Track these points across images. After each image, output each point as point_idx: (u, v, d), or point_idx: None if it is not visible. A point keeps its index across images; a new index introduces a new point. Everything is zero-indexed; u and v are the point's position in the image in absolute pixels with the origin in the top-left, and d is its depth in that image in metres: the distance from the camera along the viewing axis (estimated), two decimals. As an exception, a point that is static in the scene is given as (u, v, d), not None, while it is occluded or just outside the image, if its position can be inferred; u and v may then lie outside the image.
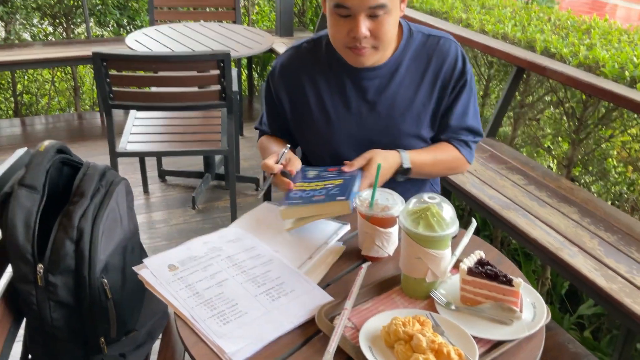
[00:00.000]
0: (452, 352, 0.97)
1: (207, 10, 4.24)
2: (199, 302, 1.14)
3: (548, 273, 2.76)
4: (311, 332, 1.09)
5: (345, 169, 1.42)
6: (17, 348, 1.42)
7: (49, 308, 1.28)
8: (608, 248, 2.03)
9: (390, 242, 1.27)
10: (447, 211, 1.13)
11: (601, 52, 2.60)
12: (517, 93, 3.12)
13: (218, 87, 2.57)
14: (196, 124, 2.99)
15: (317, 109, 1.57)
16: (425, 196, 1.15)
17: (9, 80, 4.68)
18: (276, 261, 1.26)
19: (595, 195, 2.86)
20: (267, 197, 1.89)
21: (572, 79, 2.45)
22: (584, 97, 2.76)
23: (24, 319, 1.35)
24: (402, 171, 1.50)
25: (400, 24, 1.53)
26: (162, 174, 3.49)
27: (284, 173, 1.40)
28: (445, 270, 1.16)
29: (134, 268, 1.22)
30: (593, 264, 1.94)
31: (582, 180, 3.01)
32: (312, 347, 1.05)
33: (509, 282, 1.09)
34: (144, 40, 3.07)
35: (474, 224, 1.41)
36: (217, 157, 3.43)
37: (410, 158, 1.50)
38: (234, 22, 3.89)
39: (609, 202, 2.89)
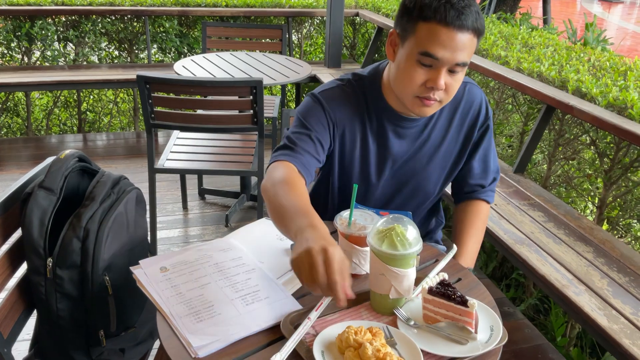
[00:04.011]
0: (394, 362, 1.03)
1: (257, 40, 4.45)
2: (179, 301, 1.25)
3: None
4: (276, 336, 1.17)
5: None
6: (25, 346, 1.58)
7: (56, 299, 1.42)
8: (617, 289, 2.01)
9: (366, 260, 1.35)
10: (411, 232, 1.20)
11: (632, 93, 2.59)
12: (553, 132, 3.12)
13: (251, 111, 2.72)
14: (234, 146, 3.15)
15: (360, 147, 1.56)
16: (393, 217, 1.23)
17: (75, 98, 5.03)
18: (258, 271, 1.36)
19: (630, 239, 2.81)
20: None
21: (597, 119, 2.46)
22: (616, 138, 2.74)
23: (35, 310, 1.50)
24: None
25: None
26: (202, 192, 3.67)
27: None
28: (408, 289, 1.23)
29: (131, 268, 1.35)
30: (598, 304, 1.93)
31: (622, 223, 2.96)
32: (273, 349, 1.13)
33: (464, 303, 1.14)
34: (191, 67, 3.28)
35: (454, 249, 1.47)
36: (254, 179, 3.58)
37: (469, 263, 1.60)
38: (280, 53, 4.08)
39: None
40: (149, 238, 1.96)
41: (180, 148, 3.07)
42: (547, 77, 3.01)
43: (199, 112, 3.01)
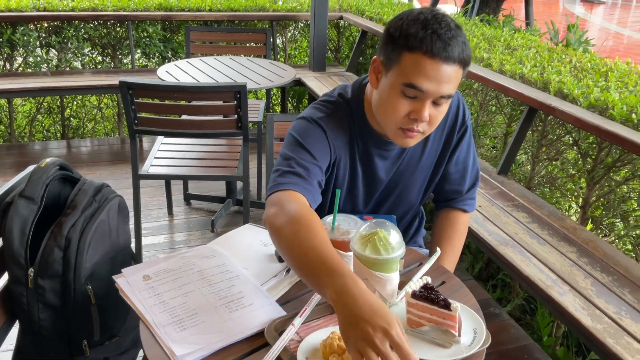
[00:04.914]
0: (379, 367, 1.03)
1: (241, 45, 4.44)
2: (162, 309, 1.24)
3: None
4: (260, 343, 1.17)
5: None
6: (7, 357, 1.56)
7: (38, 309, 1.40)
8: (600, 288, 2.03)
9: (350, 265, 1.34)
10: (394, 236, 1.21)
11: (613, 94, 2.61)
12: (536, 133, 3.15)
13: (235, 116, 2.71)
14: (219, 150, 3.15)
15: (349, 173, 1.54)
16: (376, 221, 1.23)
17: (59, 104, 4.99)
18: (242, 277, 1.36)
19: (613, 238, 2.84)
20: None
21: (579, 120, 2.48)
22: (598, 138, 2.76)
23: (17, 321, 1.48)
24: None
25: None
26: (188, 198, 3.66)
27: None
28: (392, 293, 1.23)
29: (113, 277, 1.34)
30: (582, 303, 1.95)
31: (606, 222, 2.99)
32: (257, 357, 1.13)
33: (447, 307, 1.15)
34: (174, 72, 3.27)
35: (437, 252, 1.47)
36: (240, 184, 3.57)
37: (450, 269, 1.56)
38: (265, 57, 4.08)
39: (629, 245, 2.86)
40: (133, 245, 1.95)
41: (165, 154, 3.05)
42: (529, 78, 3.04)
43: (184, 117, 2.99)
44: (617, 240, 2.89)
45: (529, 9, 7.40)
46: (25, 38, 4.60)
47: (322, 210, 1.63)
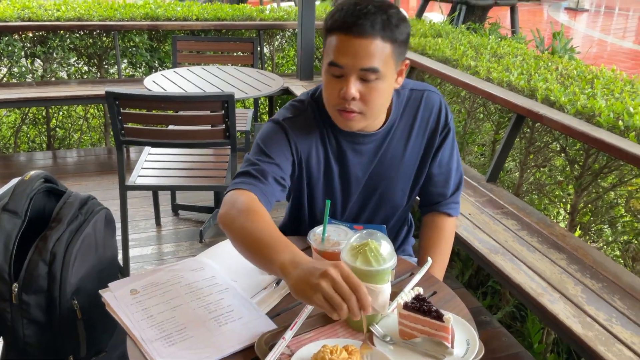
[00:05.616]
0: (371, 381, 1.01)
1: (229, 54, 4.43)
2: (150, 324, 1.22)
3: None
4: (250, 357, 1.15)
5: None
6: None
7: (22, 325, 1.38)
8: (591, 295, 2.03)
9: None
10: (385, 247, 1.19)
11: (600, 101, 2.63)
12: (524, 140, 3.16)
13: (223, 126, 2.69)
14: (206, 160, 3.13)
15: (324, 169, 1.56)
16: (367, 232, 1.22)
17: (44, 115, 4.94)
18: (231, 290, 1.34)
19: (602, 245, 2.85)
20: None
21: (566, 127, 2.49)
22: (585, 145, 2.78)
23: (1, 337, 1.45)
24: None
25: None
26: (176, 208, 3.63)
27: None
28: (384, 305, 1.21)
29: (100, 291, 1.31)
30: (572, 311, 1.94)
31: (594, 228, 2.99)
32: (248, 371, 1.11)
33: (439, 318, 1.14)
34: (161, 81, 3.25)
35: (428, 262, 1.46)
36: (228, 194, 3.54)
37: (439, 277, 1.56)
38: (252, 66, 4.07)
39: (617, 252, 2.88)
40: (120, 257, 1.92)
41: (152, 164, 3.03)
42: (516, 86, 3.05)
43: (171, 127, 2.97)
44: (605, 247, 2.90)
45: (514, 17, 7.46)
46: (9, 48, 4.55)
47: (302, 219, 1.65)
